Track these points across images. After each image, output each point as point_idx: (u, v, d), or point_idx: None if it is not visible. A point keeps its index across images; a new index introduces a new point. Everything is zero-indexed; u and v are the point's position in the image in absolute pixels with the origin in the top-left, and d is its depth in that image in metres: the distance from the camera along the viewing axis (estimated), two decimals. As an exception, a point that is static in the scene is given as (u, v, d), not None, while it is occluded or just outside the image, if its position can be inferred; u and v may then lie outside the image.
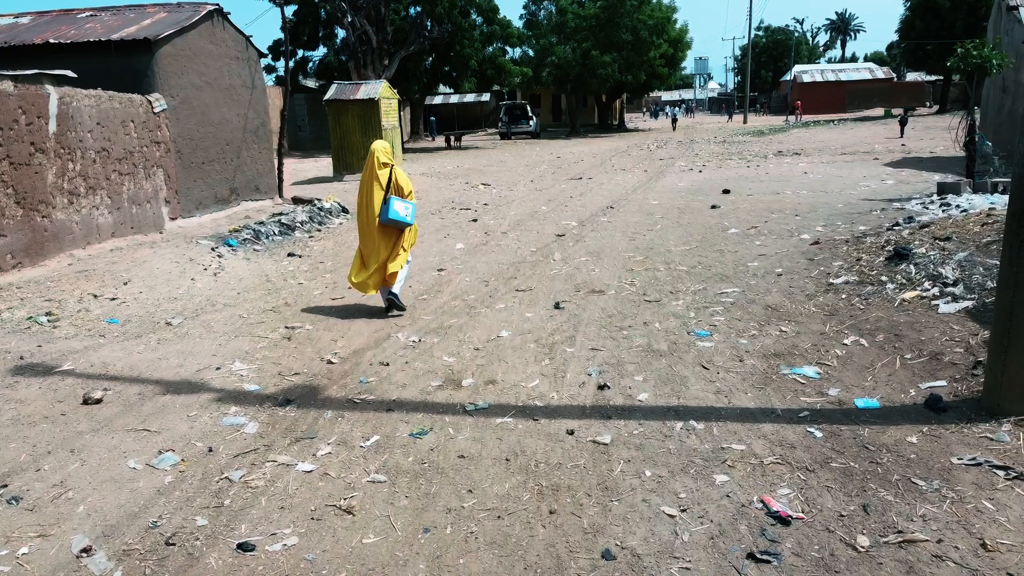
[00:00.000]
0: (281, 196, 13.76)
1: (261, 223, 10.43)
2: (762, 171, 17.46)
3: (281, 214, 11.26)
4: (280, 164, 13.79)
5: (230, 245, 9.40)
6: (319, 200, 12.87)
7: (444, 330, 5.97)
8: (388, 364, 5.18)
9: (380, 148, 6.18)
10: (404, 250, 6.35)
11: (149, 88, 9.90)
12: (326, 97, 18.40)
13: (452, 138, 34.71)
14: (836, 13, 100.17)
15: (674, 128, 43.13)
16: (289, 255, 9.33)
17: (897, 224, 8.51)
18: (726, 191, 13.79)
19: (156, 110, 9.72)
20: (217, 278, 7.92)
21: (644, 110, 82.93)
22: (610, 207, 12.74)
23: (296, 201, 13.34)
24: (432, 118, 40.00)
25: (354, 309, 6.72)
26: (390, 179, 6.12)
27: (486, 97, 50.64)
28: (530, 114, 39.79)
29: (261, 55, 12.78)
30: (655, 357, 5.08)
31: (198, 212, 10.77)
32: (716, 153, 24.42)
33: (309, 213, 11.62)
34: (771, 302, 6.20)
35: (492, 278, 7.76)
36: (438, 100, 51.62)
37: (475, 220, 11.89)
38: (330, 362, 5.29)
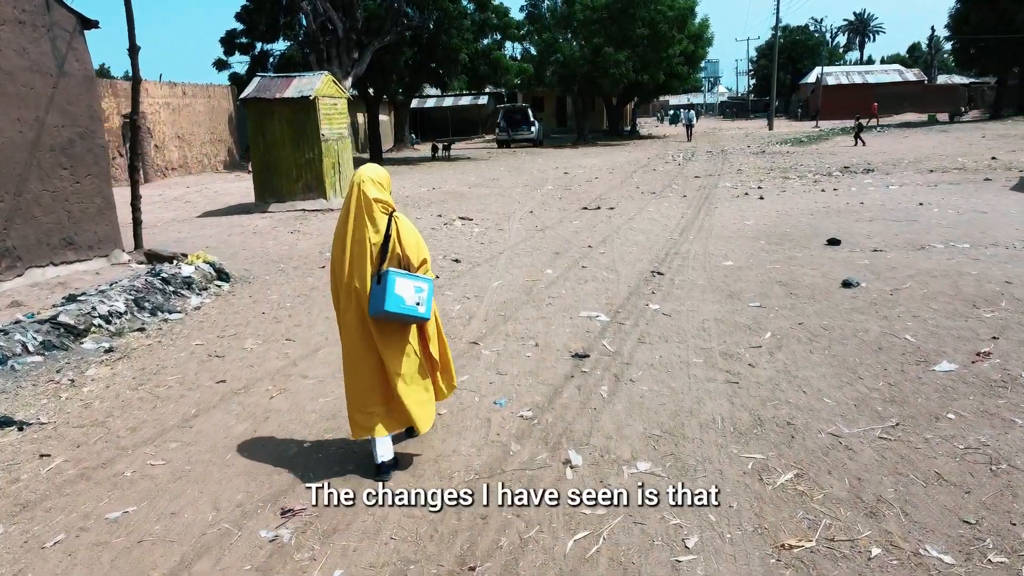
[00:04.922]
0: (137, 247, 8.80)
1: (3, 331, 5.44)
2: (853, 199, 12.46)
3: (74, 299, 6.27)
4: (135, 197, 8.82)
5: None
6: (181, 258, 7.89)
7: None
8: None
9: (370, 178, 3.14)
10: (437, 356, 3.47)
11: None
12: (243, 95, 13.23)
13: (440, 147, 29.73)
14: (854, 13, 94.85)
15: (689, 136, 36.94)
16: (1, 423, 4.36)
17: None
18: (833, 241, 8.83)
19: None
20: None
21: (659, 114, 77.76)
22: (656, 272, 7.79)
23: (152, 259, 8.36)
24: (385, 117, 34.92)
25: None
26: (388, 237, 3.11)
27: (483, 99, 45.91)
28: (532, 119, 34.97)
29: (87, 24, 7.81)
30: None
31: None
32: (762, 168, 19.44)
33: (138, 293, 6.62)
34: None
35: None
36: (430, 103, 46.87)
37: (429, 303, 6.92)
38: None
